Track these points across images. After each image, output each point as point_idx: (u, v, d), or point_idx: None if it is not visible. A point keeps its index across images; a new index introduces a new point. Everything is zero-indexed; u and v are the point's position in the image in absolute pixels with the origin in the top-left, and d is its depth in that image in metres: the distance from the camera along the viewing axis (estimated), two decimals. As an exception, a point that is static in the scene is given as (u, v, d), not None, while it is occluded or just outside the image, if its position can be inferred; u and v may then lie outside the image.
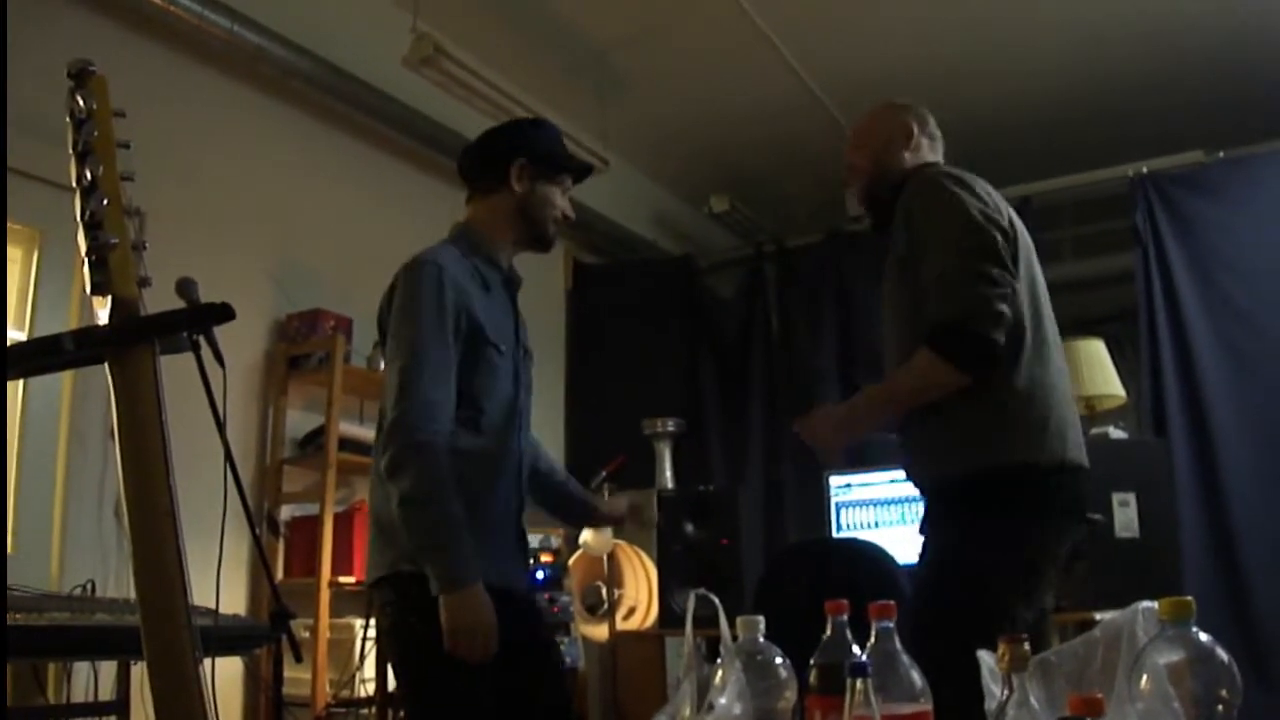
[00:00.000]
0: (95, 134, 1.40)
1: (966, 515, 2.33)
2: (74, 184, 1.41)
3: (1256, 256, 4.82)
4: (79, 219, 1.39)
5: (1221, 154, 5.10)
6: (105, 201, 1.39)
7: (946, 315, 2.26)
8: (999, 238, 2.32)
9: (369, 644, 4.00)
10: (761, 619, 1.52)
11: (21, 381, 3.48)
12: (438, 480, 2.26)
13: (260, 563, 4.01)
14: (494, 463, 2.47)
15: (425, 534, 2.26)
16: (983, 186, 2.45)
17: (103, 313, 1.40)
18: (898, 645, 1.40)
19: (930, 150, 2.69)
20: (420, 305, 2.37)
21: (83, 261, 1.39)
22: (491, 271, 2.56)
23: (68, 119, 1.43)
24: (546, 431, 4.81)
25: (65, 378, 3.65)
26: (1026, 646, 1.16)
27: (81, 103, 1.42)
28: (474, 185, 2.64)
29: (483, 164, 2.61)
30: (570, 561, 4.28)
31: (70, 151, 1.42)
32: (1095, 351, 4.69)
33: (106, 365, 1.38)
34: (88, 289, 1.39)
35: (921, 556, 2.44)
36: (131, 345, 1.38)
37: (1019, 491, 2.29)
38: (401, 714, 2.49)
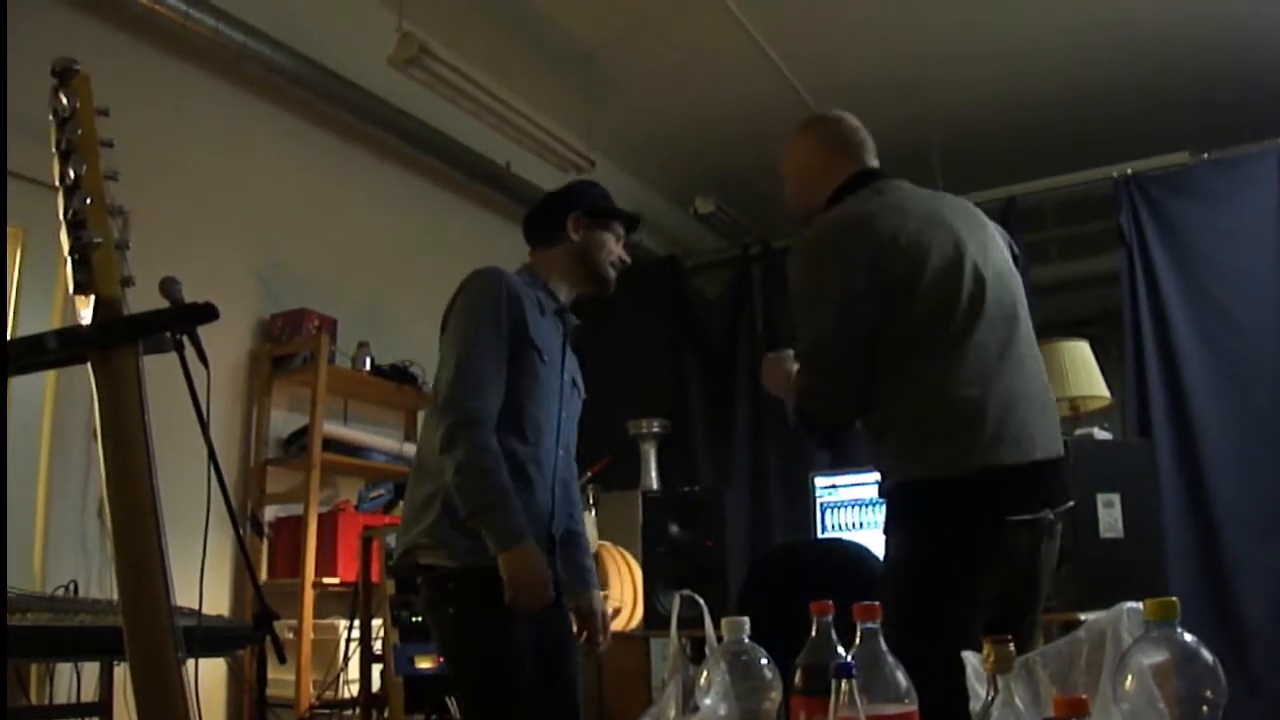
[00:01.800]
0: (78, 132, 1.40)
1: (900, 523, 2.39)
2: (57, 183, 1.40)
3: (1240, 257, 4.84)
4: (62, 218, 1.38)
5: (1206, 155, 5.12)
6: (88, 200, 1.38)
7: (799, 405, 2.52)
8: (841, 322, 2.40)
9: (353, 645, 3.99)
10: (746, 620, 1.52)
11: (4, 381, 3.46)
12: (487, 450, 2.47)
13: (244, 563, 4.00)
14: (531, 467, 2.63)
15: (479, 498, 2.45)
16: (862, 225, 2.40)
17: (85, 312, 1.39)
18: (883, 646, 1.40)
19: (848, 162, 2.61)
20: (478, 302, 2.62)
21: (65, 260, 1.38)
22: (548, 300, 2.78)
23: (51, 117, 1.42)
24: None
25: (48, 378, 3.64)
26: (1011, 647, 1.16)
27: (65, 101, 1.41)
28: (537, 239, 2.90)
29: (545, 219, 2.88)
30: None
31: (53, 150, 1.41)
32: (1080, 352, 4.70)
33: (89, 365, 1.37)
34: (70, 288, 1.38)
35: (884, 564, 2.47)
36: (114, 345, 1.37)
37: (937, 500, 2.31)
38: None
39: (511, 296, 2.63)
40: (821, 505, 4.53)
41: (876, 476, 2.55)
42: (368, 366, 4.60)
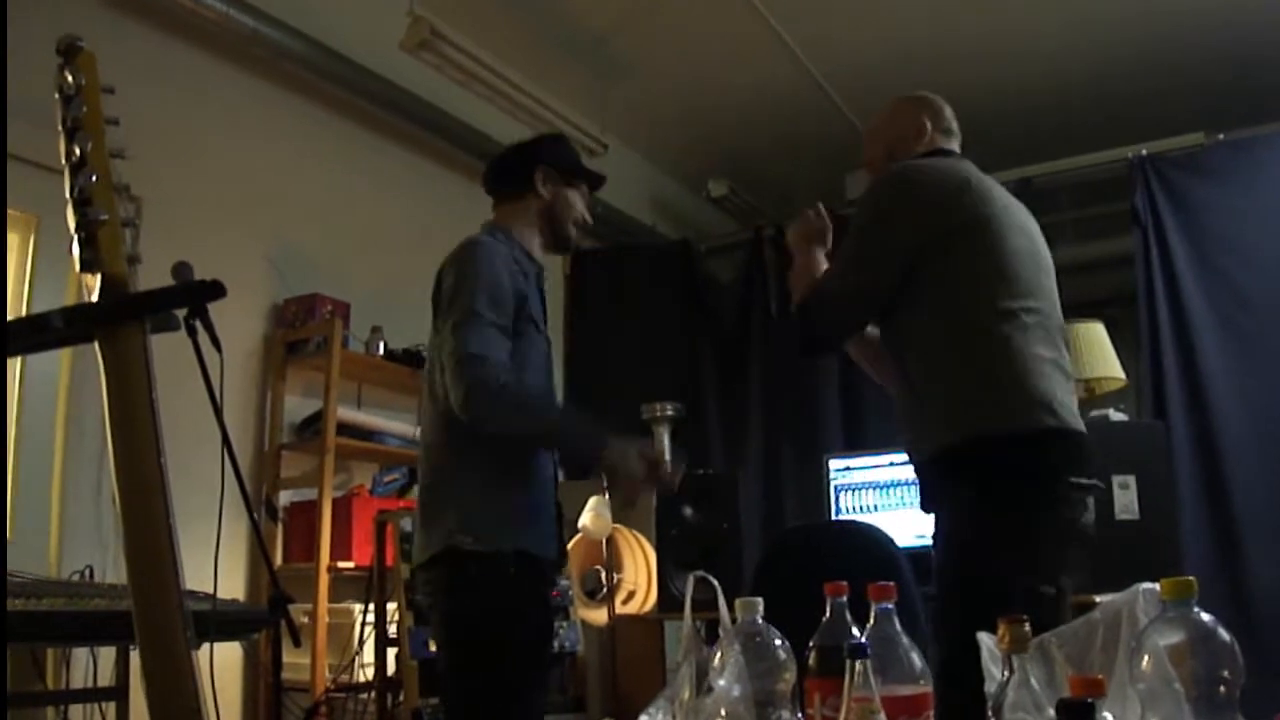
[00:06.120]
0: (84, 110, 1.39)
1: (956, 490, 2.35)
2: (63, 161, 1.39)
3: (1256, 239, 4.81)
4: (68, 196, 1.37)
5: (1221, 136, 5.08)
6: (94, 178, 1.37)
7: (811, 299, 2.60)
8: (887, 256, 2.46)
9: (368, 629, 4.00)
10: (760, 601, 1.51)
11: (18, 366, 3.46)
12: (519, 403, 2.48)
13: (259, 548, 4.00)
14: None
15: (551, 438, 2.62)
16: (934, 176, 2.51)
17: (95, 292, 1.38)
18: (897, 627, 1.40)
19: (942, 139, 2.74)
20: (475, 273, 2.54)
21: (72, 239, 1.38)
22: (527, 263, 2.75)
23: (56, 95, 1.41)
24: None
25: (63, 362, 3.65)
26: (1027, 627, 1.15)
27: (70, 79, 1.40)
28: (501, 192, 2.87)
29: (511, 171, 2.85)
30: (569, 546, 4.27)
31: (59, 128, 1.40)
32: (1095, 334, 4.67)
33: (96, 343, 1.36)
34: (77, 266, 1.37)
35: (935, 538, 2.43)
36: (121, 322, 1.36)
37: (996, 461, 2.29)
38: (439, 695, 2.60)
39: (506, 264, 2.60)
40: (836, 487, 4.52)
41: (893, 458, 2.55)
42: (381, 351, 4.60)
